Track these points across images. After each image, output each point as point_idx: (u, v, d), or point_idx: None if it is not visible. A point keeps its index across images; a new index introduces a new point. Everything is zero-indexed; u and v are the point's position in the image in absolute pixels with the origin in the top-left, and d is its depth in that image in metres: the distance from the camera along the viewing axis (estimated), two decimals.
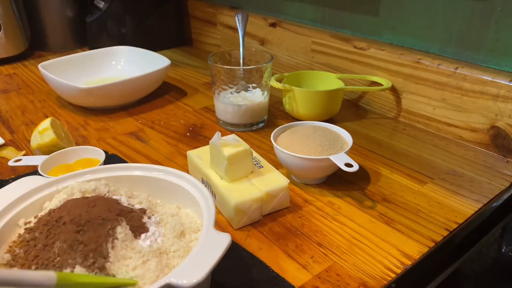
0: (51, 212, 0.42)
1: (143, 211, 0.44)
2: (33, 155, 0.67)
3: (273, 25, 0.99)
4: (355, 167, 0.54)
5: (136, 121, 0.82)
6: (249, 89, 0.76)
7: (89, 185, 0.46)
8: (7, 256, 0.39)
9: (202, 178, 0.59)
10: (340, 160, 0.56)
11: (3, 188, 0.48)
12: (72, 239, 0.38)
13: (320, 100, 0.76)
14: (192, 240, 0.42)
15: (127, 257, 0.39)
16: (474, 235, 0.54)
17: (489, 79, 0.66)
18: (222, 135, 0.57)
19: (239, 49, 0.78)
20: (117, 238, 0.39)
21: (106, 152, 0.64)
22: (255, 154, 0.60)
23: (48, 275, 0.31)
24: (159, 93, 0.93)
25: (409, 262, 0.48)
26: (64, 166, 0.62)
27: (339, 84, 0.80)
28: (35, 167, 0.60)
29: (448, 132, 0.74)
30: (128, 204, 0.45)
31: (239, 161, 0.54)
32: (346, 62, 0.86)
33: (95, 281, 0.36)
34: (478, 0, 0.67)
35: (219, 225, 0.54)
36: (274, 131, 0.63)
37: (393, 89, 0.80)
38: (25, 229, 0.41)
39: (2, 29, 1.08)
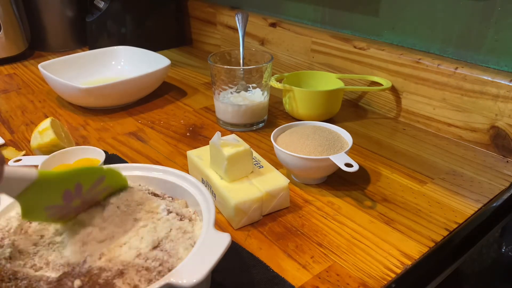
0: None
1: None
2: (33, 155, 0.67)
3: (273, 25, 0.99)
4: (355, 167, 0.54)
5: (136, 121, 0.82)
6: (249, 89, 0.76)
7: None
8: None
9: (202, 178, 0.59)
10: (340, 160, 0.56)
11: None
12: None
13: (320, 100, 0.76)
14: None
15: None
16: (474, 235, 0.54)
17: (489, 79, 0.66)
18: (222, 135, 0.57)
19: (239, 49, 0.78)
20: None
21: (106, 152, 0.64)
22: (255, 154, 0.60)
23: (31, 170, 0.36)
24: (159, 93, 0.93)
25: (409, 262, 0.48)
26: (64, 166, 0.62)
27: (339, 84, 0.80)
28: (35, 167, 0.60)
29: (448, 132, 0.74)
30: None
31: (239, 161, 0.54)
32: (346, 62, 0.86)
33: (72, 173, 0.39)
34: (478, 0, 0.67)
35: (219, 225, 0.54)
36: (274, 131, 0.63)
37: (393, 89, 0.80)
38: None
39: (2, 29, 1.08)
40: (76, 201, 0.41)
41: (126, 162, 0.68)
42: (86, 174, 0.41)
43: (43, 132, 0.65)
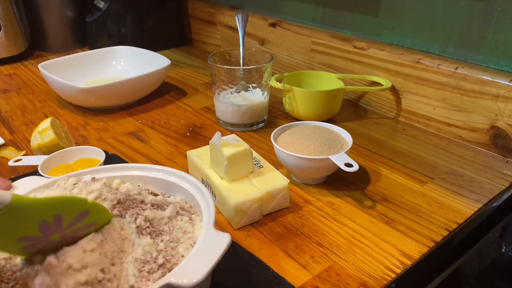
0: None
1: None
2: (33, 155, 0.67)
3: (273, 25, 0.99)
4: (355, 167, 0.54)
5: (136, 121, 0.82)
6: (249, 89, 0.76)
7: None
8: None
9: (202, 178, 0.59)
10: (340, 160, 0.56)
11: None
12: None
13: (320, 100, 0.76)
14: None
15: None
16: (474, 235, 0.54)
17: (489, 79, 0.66)
18: (222, 135, 0.57)
19: (239, 49, 0.78)
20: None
21: (106, 152, 0.64)
22: (255, 154, 0.60)
23: (4, 194, 0.31)
24: (159, 93, 0.93)
25: (409, 262, 0.48)
26: (64, 166, 0.62)
27: (339, 84, 0.80)
28: (35, 167, 0.60)
29: (448, 132, 0.74)
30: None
31: (239, 161, 0.54)
32: (346, 62, 0.86)
33: (51, 201, 0.35)
34: (478, 0, 0.67)
35: (219, 225, 0.54)
36: (274, 131, 0.63)
37: (393, 89, 0.80)
38: None
39: (2, 29, 1.08)
40: (55, 235, 0.36)
41: (126, 162, 0.68)
42: (68, 205, 0.36)
43: (43, 132, 0.65)
